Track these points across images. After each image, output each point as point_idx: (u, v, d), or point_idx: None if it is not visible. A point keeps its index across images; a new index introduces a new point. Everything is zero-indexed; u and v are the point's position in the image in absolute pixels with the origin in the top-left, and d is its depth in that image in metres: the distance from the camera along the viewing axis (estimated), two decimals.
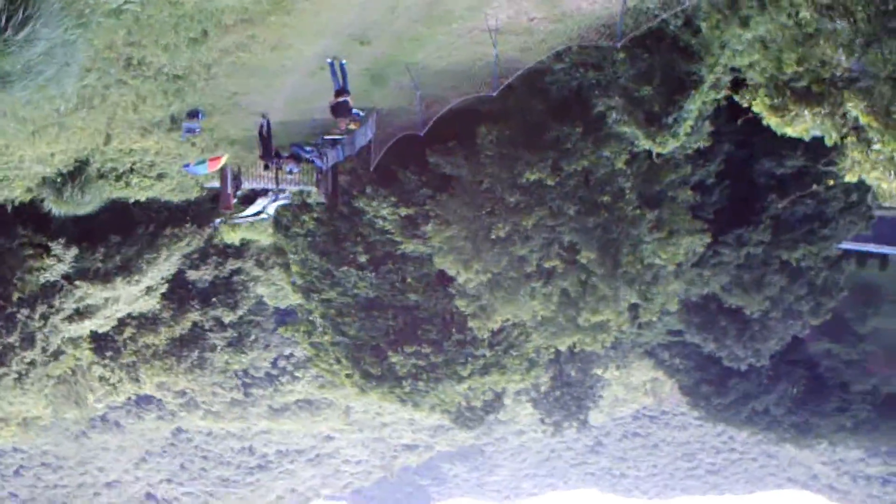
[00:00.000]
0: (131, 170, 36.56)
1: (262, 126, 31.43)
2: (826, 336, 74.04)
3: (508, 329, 35.79)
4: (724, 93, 28.08)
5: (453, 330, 36.80)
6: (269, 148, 31.26)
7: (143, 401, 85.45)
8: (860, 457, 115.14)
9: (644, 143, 28.23)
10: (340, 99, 28.76)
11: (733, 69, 27.87)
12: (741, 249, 47.84)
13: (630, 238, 30.43)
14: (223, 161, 32.75)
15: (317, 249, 37.25)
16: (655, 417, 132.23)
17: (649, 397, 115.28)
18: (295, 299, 41.61)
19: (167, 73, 26.84)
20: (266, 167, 32.27)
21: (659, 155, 29.48)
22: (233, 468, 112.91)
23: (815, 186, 43.21)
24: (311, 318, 39.78)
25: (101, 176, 35.96)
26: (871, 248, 62.09)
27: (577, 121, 29.49)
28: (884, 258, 65.61)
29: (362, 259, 36.48)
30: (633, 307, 32.44)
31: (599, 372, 63.87)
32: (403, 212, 34.36)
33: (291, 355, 76.25)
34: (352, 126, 34.31)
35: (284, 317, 55.81)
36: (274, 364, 78.01)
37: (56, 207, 35.32)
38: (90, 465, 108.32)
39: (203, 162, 32.81)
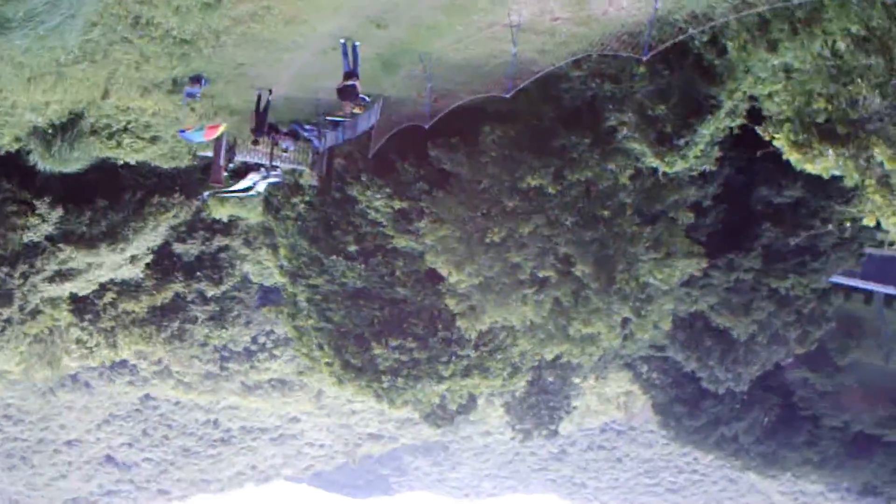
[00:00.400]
0: (125, 128, 35.45)
1: (259, 98, 30.39)
2: (804, 364, 73.66)
3: (496, 331, 34.94)
4: (739, 121, 27.33)
5: (440, 327, 35.96)
6: (261, 123, 30.28)
7: (118, 365, 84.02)
8: (820, 490, 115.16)
9: (651, 162, 27.45)
10: (349, 82, 27.86)
11: (752, 97, 27.15)
12: (731, 274, 47.36)
13: (626, 255, 29.68)
14: (221, 130, 31.73)
15: (306, 235, 36.30)
16: (622, 432, 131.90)
17: (620, 411, 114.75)
18: (281, 280, 40.64)
19: (175, 36, 25.85)
20: (255, 142, 31.04)
21: (665, 174, 28.71)
22: (195, 439, 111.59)
23: (829, 226, 42.59)
24: (295, 301, 38.82)
25: (94, 132, 34.83)
26: (858, 283, 61.70)
27: (587, 131, 28.67)
28: (868, 294, 65.26)
29: (352, 249, 35.56)
30: (625, 321, 31.70)
31: (577, 381, 63.10)
32: (397, 205, 33.45)
33: (272, 332, 75.12)
34: (356, 110, 33.36)
35: (269, 294, 54.75)
36: (254, 340, 76.87)
37: (42, 161, 34.16)
38: (52, 423, 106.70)
39: (201, 129, 31.81)
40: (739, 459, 73.84)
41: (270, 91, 29.51)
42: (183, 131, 32.23)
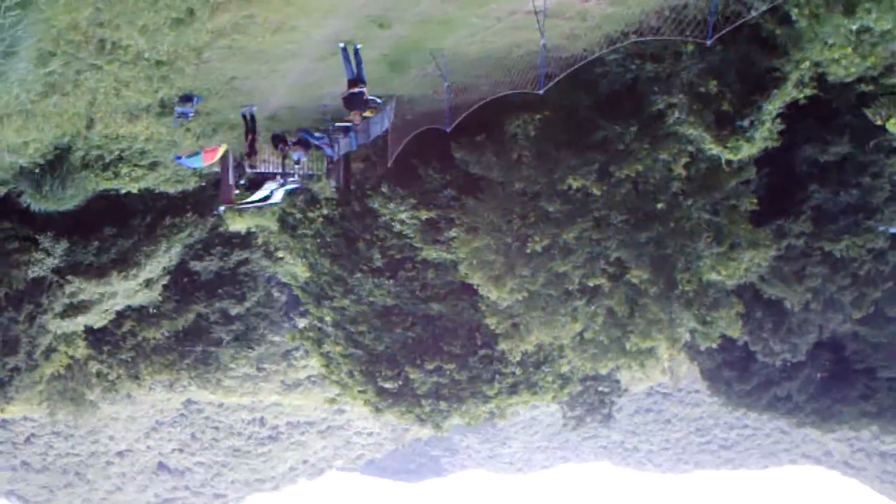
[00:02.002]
0: (120, 158, 31.76)
1: (245, 120, 27.03)
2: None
3: (542, 344, 30.98)
4: (808, 91, 23.05)
5: (479, 343, 32.12)
6: (253, 143, 27.59)
7: None
8: (874, 436, 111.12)
9: (712, 149, 23.26)
10: (355, 90, 24.09)
11: (816, 63, 22.91)
12: (781, 241, 43.50)
13: (686, 253, 25.53)
14: (220, 153, 28.01)
15: (327, 253, 32.48)
16: (669, 394, 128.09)
17: (665, 376, 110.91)
18: (304, 302, 36.90)
19: (148, 58, 22.01)
20: (252, 165, 27.91)
21: (728, 162, 24.47)
22: (244, 439, 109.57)
23: (881, 181, 38.25)
24: (320, 325, 35.10)
25: (86, 165, 31.18)
26: None
27: (631, 119, 24.47)
28: None
29: (378, 264, 31.69)
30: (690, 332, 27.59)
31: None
32: (424, 215, 29.48)
33: (309, 325, 72.29)
34: (368, 114, 29.87)
35: (297, 303, 51.40)
36: (290, 325, 74.03)
37: (35, 203, 30.66)
38: (101, 435, 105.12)
39: (197, 154, 28.13)
40: (795, 417, 70.35)
41: (254, 106, 25.84)
42: (179, 157, 28.56)
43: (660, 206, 25.66)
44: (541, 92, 19.83)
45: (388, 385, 32.97)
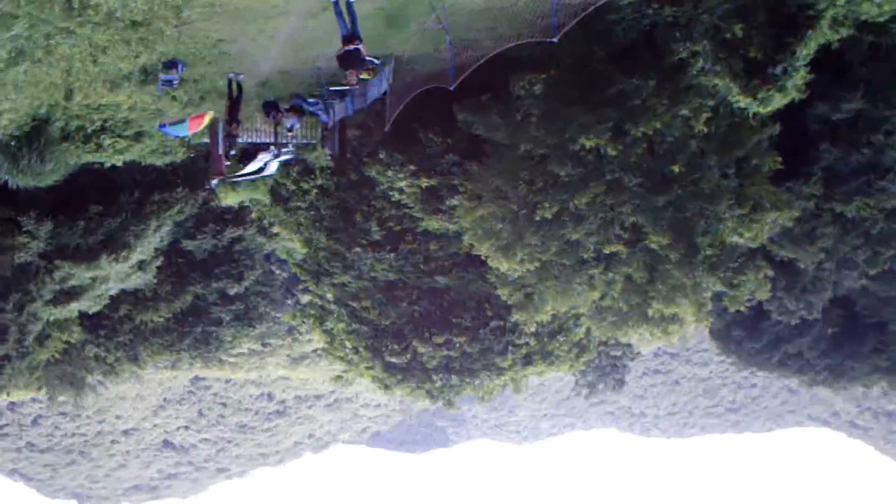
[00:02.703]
0: (102, 129, 29.64)
1: (230, 84, 25.08)
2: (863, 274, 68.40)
3: (556, 313, 29.00)
4: (846, 31, 20.93)
5: (489, 315, 30.24)
6: (235, 111, 26.12)
7: None
8: (882, 392, 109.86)
9: (739, 101, 21.19)
10: (350, 47, 22.02)
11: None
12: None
13: (705, 216, 23.54)
14: (207, 120, 25.97)
15: (323, 227, 30.48)
16: (676, 354, 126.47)
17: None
18: (302, 280, 34.97)
19: (121, 17, 19.95)
20: (230, 133, 26.85)
21: (755, 115, 22.38)
22: (251, 414, 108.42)
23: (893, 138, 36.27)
24: (322, 303, 33.19)
25: (66, 137, 29.05)
26: None
27: (649, 71, 22.38)
28: None
29: (376, 236, 29.71)
30: (716, 295, 25.60)
31: None
32: (424, 183, 27.43)
33: (310, 303, 70.62)
34: (365, 75, 27.75)
35: (298, 279, 49.54)
36: (292, 302, 72.46)
37: (12, 178, 28.60)
38: (108, 414, 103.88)
39: (182, 122, 26.10)
40: (806, 375, 69.06)
41: (241, 74, 23.86)
42: (163, 125, 26.52)
43: (676, 168, 23.65)
44: (555, 39, 17.74)
45: (395, 360, 31.13)
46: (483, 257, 26.12)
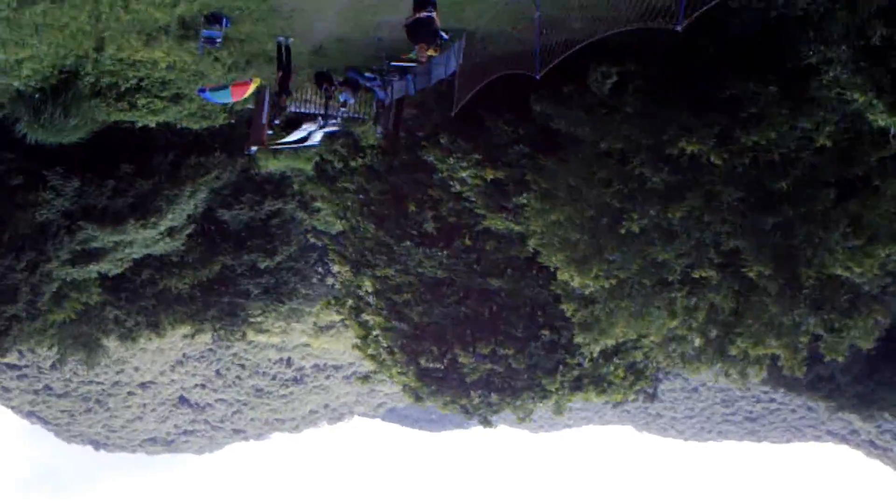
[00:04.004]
0: (137, 87, 26.35)
1: (279, 49, 21.83)
2: None
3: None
4: None
5: (543, 326, 26.74)
6: (286, 81, 23.05)
7: None
8: None
9: (880, 120, 17.48)
10: (422, 14, 18.58)
11: None
12: None
13: (814, 245, 19.87)
14: (252, 88, 22.56)
15: (371, 214, 27.06)
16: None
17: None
18: (339, 269, 31.65)
19: None
20: (279, 105, 24.78)
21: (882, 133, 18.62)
22: (268, 379, 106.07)
23: None
24: (359, 293, 29.82)
25: (97, 93, 25.76)
26: None
27: (768, 75, 18.69)
28: None
29: (429, 229, 26.22)
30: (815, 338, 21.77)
31: None
32: (490, 175, 23.86)
33: (340, 273, 67.63)
34: (432, 52, 24.21)
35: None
36: (321, 281, 69.61)
37: (31, 133, 25.37)
38: (126, 365, 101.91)
39: (224, 88, 22.72)
40: (835, 401, 65.45)
41: (290, 38, 20.54)
42: (203, 90, 23.16)
43: (784, 185, 19.97)
44: (679, 27, 14.17)
45: (432, 365, 27.71)
46: (553, 268, 22.60)
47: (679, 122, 19.15)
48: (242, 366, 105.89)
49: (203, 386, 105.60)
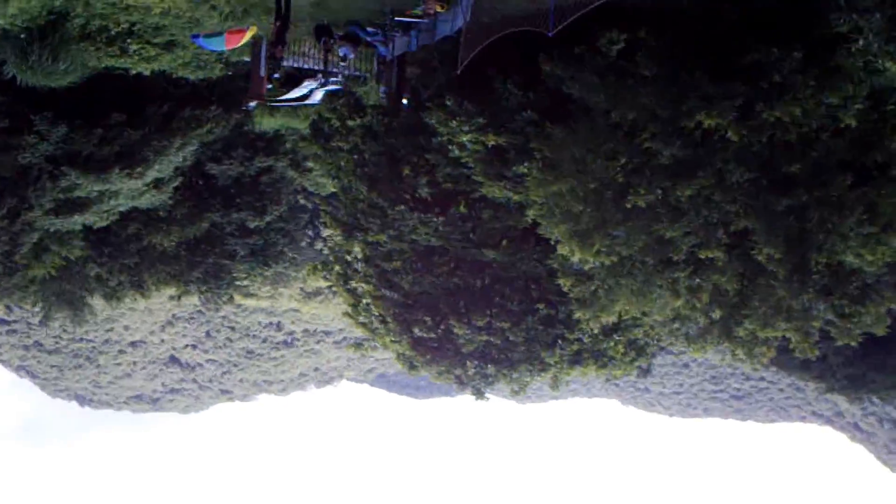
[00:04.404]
0: (129, 32, 25.14)
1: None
2: None
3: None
4: None
5: (540, 302, 25.70)
6: (282, 32, 22.48)
7: None
8: (892, 400, 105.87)
9: None
10: None
11: None
12: None
13: (826, 230, 18.80)
14: (247, 36, 21.31)
15: (365, 175, 25.89)
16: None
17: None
18: (329, 231, 30.52)
19: None
20: (274, 56, 23.76)
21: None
22: (258, 342, 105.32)
23: None
24: (347, 258, 28.71)
25: (87, 36, 24.57)
26: None
27: (794, 42, 17.52)
28: None
29: (424, 194, 25.07)
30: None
31: None
32: (492, 141, 22.68)
33: (330, 238, 66.55)
34: (439, 8, 23.15)
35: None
36: (310, 245, 68.53)
37: (19, 74, 24.20)
38: (117, 324, 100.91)
39: (219, 35, 21.47)
40: (825, 382, 65.05)
41: None
42: (196, 36, 21.90)
43: (798, 167, 18.84)
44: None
45: (426, 335, 26.72)
46: (552, 240, 21.51)
47: (699, 91, 17.98)
48: (232, 328, 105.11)
49: (194, 346, 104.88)
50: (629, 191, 18.74)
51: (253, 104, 36.67)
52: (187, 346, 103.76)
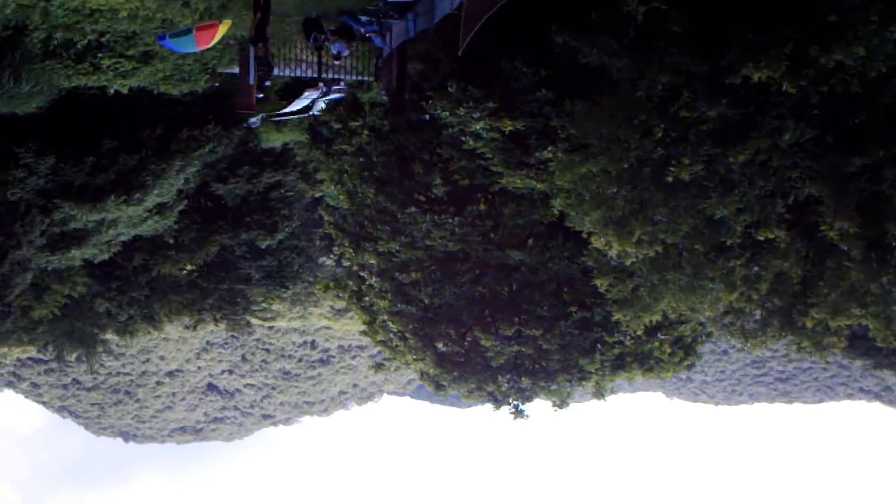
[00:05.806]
0: (99, 45, 22.41)
1: None
2: None
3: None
4: None
5: (572, 305, 22.60)
6: (262, 27, 19.78)
7: None
8: None
9: None
10: None
11: None
12: None
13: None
14: (221, 32, 18.37)
15: (372, 178, 22.99)
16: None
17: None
18: (339, 240, 27.66)
19: None
20: (257, 57, 18.97)
21: None
22: (294, 361, 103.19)
23: None
24: (360, 273, 25.79)
25: (51, 53, 21.89)
26: None
27: None
28: None
29: (439, 192, 22.10)
30: None
31: None
32: (507, 126, 19.67)
33: (340, 250, 64.20)
34: None
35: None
36: (338, 263, 65.92)
37: None
38: (152, 354, 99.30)
39: (187, 33, 18.54)
40: (873, 359, 61.50)
41: None
42: (163, 37, 19.00)
43: (865, 117, 15.73)
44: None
45: (450, 349, 23.70)
46: (584, 233, 18.40)
47: (741, 41, 14.90)
48: (267, 350, 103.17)
49: (230, 372, 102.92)
50: (671, 162, 15.61)
51: (255, 120, 34.08)
52: (224, 371, 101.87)
